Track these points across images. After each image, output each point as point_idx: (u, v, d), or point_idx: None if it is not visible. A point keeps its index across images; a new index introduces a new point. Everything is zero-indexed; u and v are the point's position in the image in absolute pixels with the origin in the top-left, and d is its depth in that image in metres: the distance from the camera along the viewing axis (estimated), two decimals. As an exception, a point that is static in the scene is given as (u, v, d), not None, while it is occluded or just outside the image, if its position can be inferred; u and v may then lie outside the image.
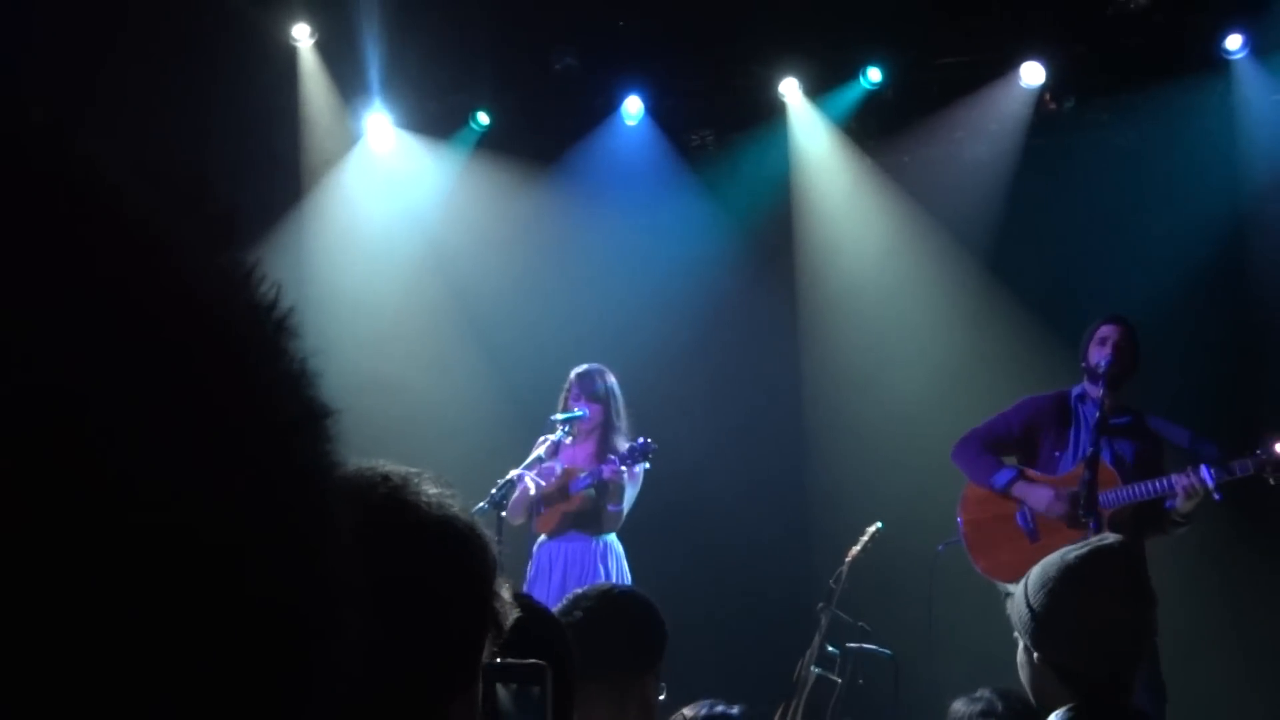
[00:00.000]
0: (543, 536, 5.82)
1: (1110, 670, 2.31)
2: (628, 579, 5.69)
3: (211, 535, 0.40)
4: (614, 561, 5.74)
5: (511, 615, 1.26)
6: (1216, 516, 5.27)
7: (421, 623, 1.19)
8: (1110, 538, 2.45)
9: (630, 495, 5.77)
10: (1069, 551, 2.40)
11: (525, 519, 5.81)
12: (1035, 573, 2.41)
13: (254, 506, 0.42)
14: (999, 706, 2.79)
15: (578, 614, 2.46)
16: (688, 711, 2.61)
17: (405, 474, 1.26)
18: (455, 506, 1.25)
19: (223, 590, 0.40)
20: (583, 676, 1.99)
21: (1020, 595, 2.39)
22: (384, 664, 1.16)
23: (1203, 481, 4.73)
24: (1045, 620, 2.32)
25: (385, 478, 1.24)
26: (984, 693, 2.90)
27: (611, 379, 5.89)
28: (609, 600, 2.52)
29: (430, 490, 1.25)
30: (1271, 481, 4.72)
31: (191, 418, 0.41)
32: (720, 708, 2.63)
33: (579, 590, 2.62)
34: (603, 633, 2.41)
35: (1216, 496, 4.76)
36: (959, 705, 2.93)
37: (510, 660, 1.41)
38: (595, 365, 5.91)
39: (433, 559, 1.22)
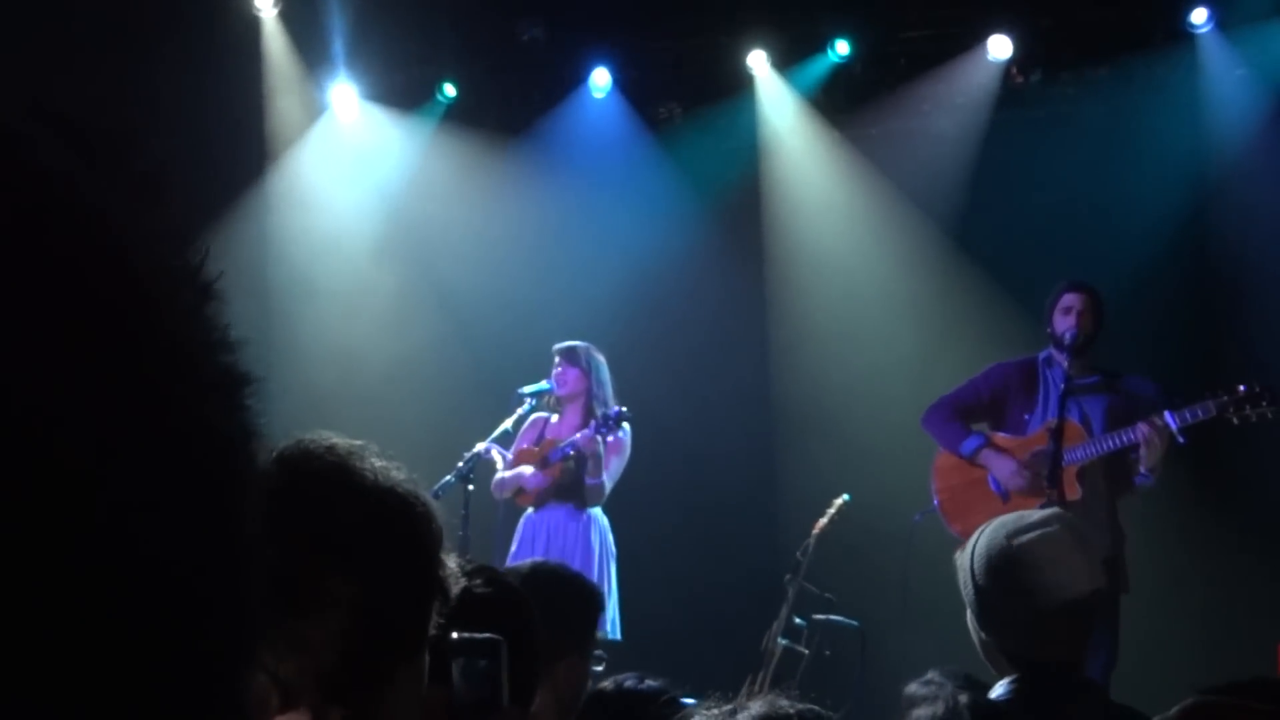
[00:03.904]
0: (529, 509, 5.81)
1: (1054, 654, 2.27)
2: (612, 554, 5.68)
3: (110, 490, 0.39)
4: (597, 535, 5.70)
5: (457, 585, 1.26)
6: (1175, 473, 5.31)
7: (364, 590, 1.19)
8: (1057, 518, 2.34)
9: (616, 467, 5.73)
10: (1017, 529, 2.30)
11: (511, 494, 5.80)
12: (981, 544, 2.32)
13: (160, 465, 0.41)
14: (949, 687, 2.82)
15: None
16: (607, 684, 2.58)
17: (351, 445, 1.26)
18: (399, 477, 1.26)
19: (118, 547, 0.39)
20: None
21: (966, 565, 2.32)
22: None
23: (1166, 425, 4.77)
24: (988, 604, 2.28)
25: (330, 448, 1.25)
26: (933, 674, 2.92)
27: (598, 355, 5.87)
28: (525, 581, 2.44)
29: (375, 462, 1.26)
30: (1235, 421, 4.78)
31: (97, 372, 0.40)
32: (649, 683, 2.56)
33: (511, 567, 2.55)
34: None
35: (1180, 440, 4.80)
36: (912, 687, 2.95)
37: (467, 635, 1.41)
38: (583, 342, 5.89)
39: (374, 527, 1.22)
